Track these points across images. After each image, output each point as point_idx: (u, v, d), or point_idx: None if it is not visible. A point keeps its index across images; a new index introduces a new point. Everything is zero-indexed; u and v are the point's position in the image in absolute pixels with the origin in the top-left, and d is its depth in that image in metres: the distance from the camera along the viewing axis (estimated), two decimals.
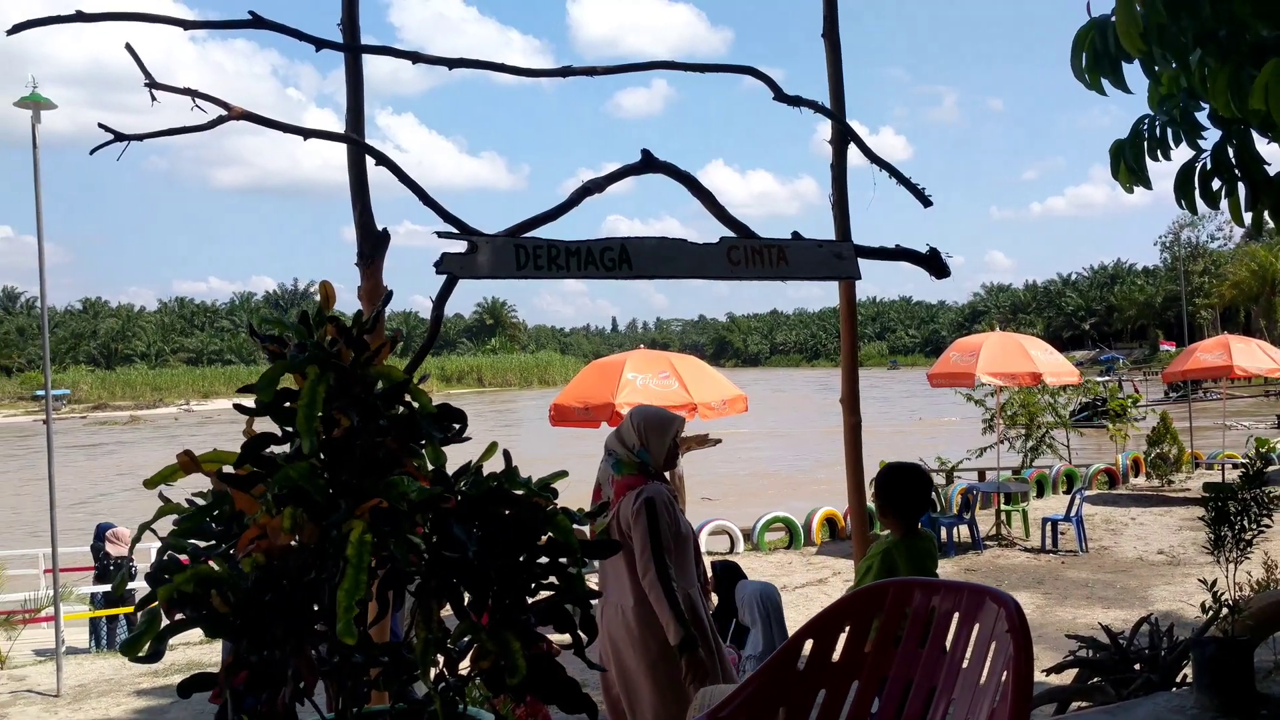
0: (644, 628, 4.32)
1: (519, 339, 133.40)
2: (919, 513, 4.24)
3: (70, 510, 20.64)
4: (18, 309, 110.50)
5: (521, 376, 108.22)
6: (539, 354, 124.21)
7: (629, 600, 4.37)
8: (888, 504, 4.23)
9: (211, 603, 1.86)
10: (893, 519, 4.22)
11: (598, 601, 4.59)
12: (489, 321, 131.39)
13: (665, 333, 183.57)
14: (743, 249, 5.57)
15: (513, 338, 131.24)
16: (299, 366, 1.79)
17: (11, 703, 8.95)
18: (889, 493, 4.24)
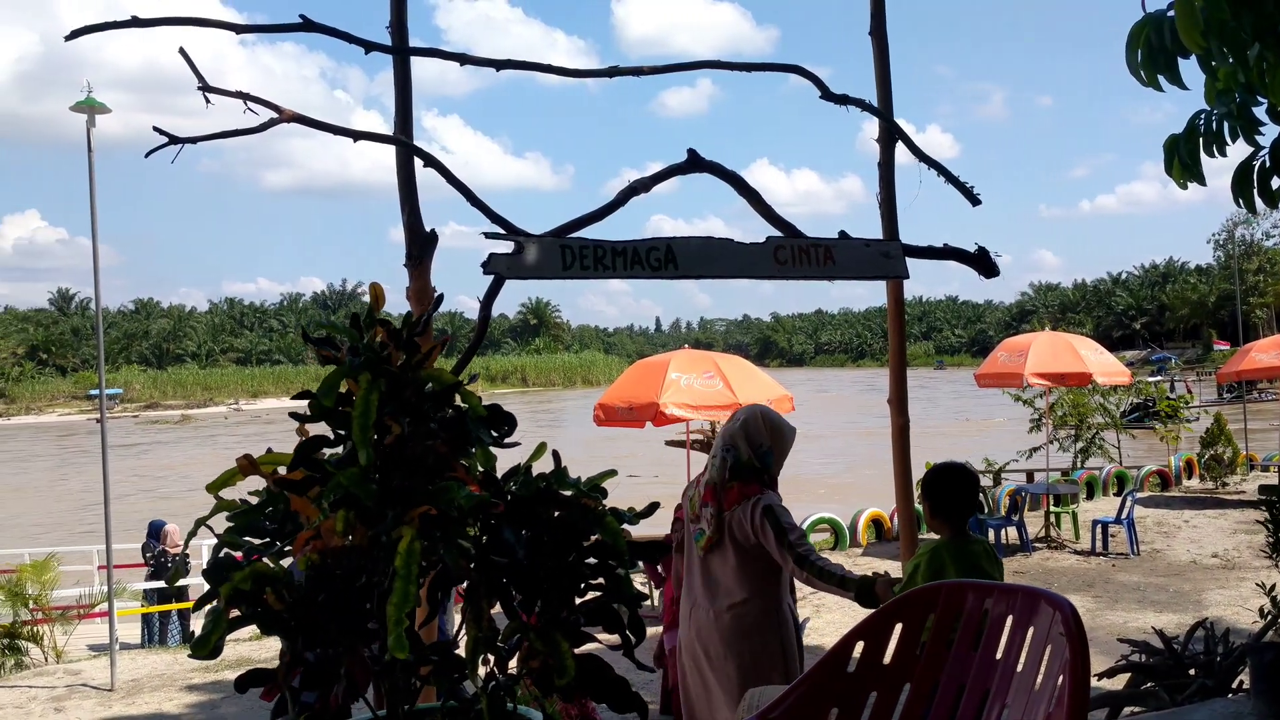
0: (738, 633, 4.23)
1: (563, 339, 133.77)
2: (967, 514, 4.16)
3: (118, 505, 20.96)
4: (72, 310, 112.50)
5: (565, 376, 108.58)
6: (583, 354, 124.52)
7: (726, 605, 4.24)
8: (935, 505, 4.15)
9: (267, 600, 1.88)
10: (940, 521, 4.15)
11: (681, 606, 4.54)
12: (533, 321, 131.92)
13: (709, 332, 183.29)
14: (789, 248, 5.54)
15: (556, 338, 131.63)
16: (354, 373, 1.79)
17: (67, 696, 9.12)
18: (936, 494, 4.16)
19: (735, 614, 4.25)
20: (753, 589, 4.27)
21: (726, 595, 4.28)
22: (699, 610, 4.35)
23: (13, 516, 26.72)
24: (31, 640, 10.91)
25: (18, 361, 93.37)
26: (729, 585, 4.29)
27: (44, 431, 64.88)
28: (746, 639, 4.25)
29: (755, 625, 4.28)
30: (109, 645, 9.59)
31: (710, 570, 4.35)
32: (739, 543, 4.23)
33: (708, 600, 4.32)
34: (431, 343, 1.88)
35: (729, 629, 4.25)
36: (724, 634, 4.25)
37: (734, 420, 4.51)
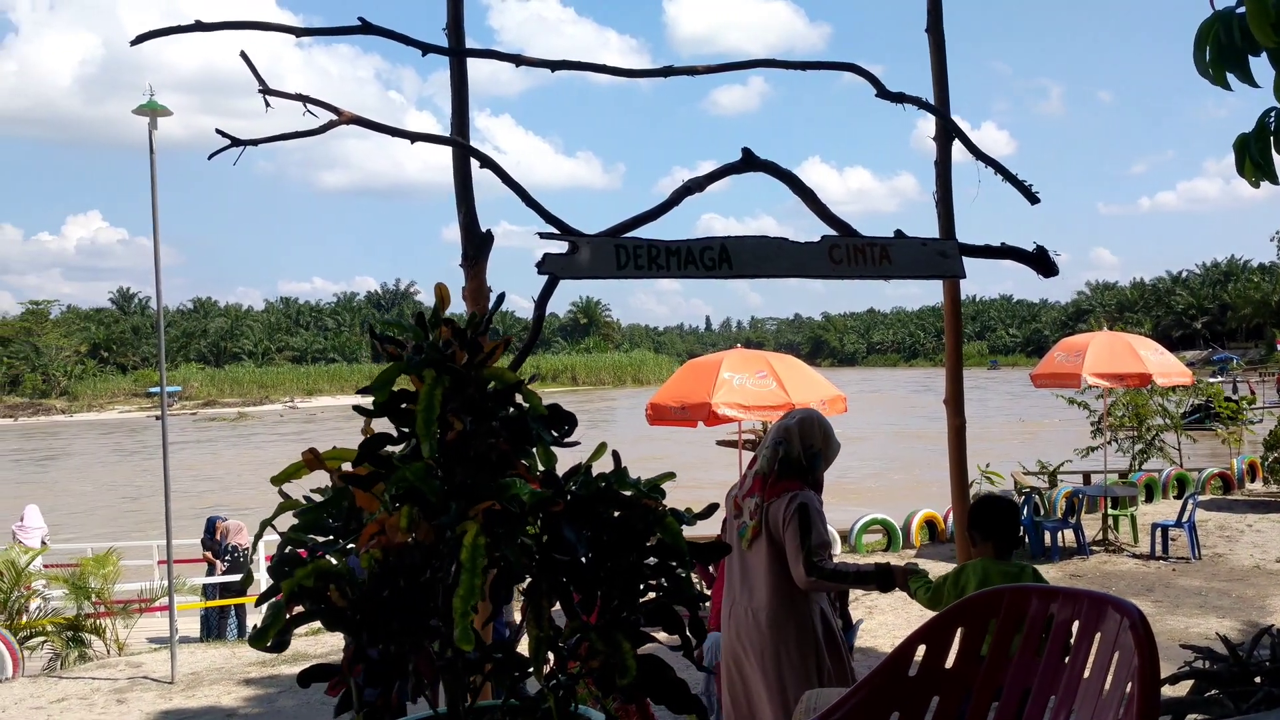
0: (775, 630, 4.25)
1: (613, 338, 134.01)
2: (1012, 543, 4.35)
3: (176, 502, 21.32)
4: (132, 309, 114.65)
5: (615, 375, 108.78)
6: (633, 353, 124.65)
7: (762, 602, 4.28)
8: (979, 532, 4.35)
9: (330, 597, 1.90)
10: (984, 545, 4.34)
11: (723, 604, 4.54)
12: (583, 321, 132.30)
13: (760, 332, 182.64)
14: (845, 247, 5.51)
15: (607, 337, 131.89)
16: (416, 369, 1.82)
17: (129, 688, 9.30)
18: (980, 522, 4.36)
19: (772, 610, 4.28)
20: (790, 586, 4.29)
21: (763, 591, 4.31)
22: (738, 607, 4.38)
23: (75, 511, 27.29)
24: (94, 633, 11.14)
25: (80, 359, 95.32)
26: (766, 581, 4.31)
27: (105, 428, 66.23)
28: (784, 636, 4.27)
29: (792, 622, 4.30)
30: (169, 639, 9.76)
31: (750, 566, 4.38)
32: (774, 537, 4.28)
33: (746, 597, 4.36)
34: (494, 343, 1.89)
35: (766, 625, 4.28)
36: (761, 631, 4.28)
37: (790, 417, 4.58)
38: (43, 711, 8.62)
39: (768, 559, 4.29)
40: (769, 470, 4.37)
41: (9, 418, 75.96)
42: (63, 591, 11.65)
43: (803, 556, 4.14)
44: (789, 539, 4.19)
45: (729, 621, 4.41)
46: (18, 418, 76.48)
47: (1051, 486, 16.10)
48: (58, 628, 11.02)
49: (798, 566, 4.15)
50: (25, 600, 11.21)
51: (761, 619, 4.26)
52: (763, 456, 4.42)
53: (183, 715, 8.33)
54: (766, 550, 4.29)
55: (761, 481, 4.38)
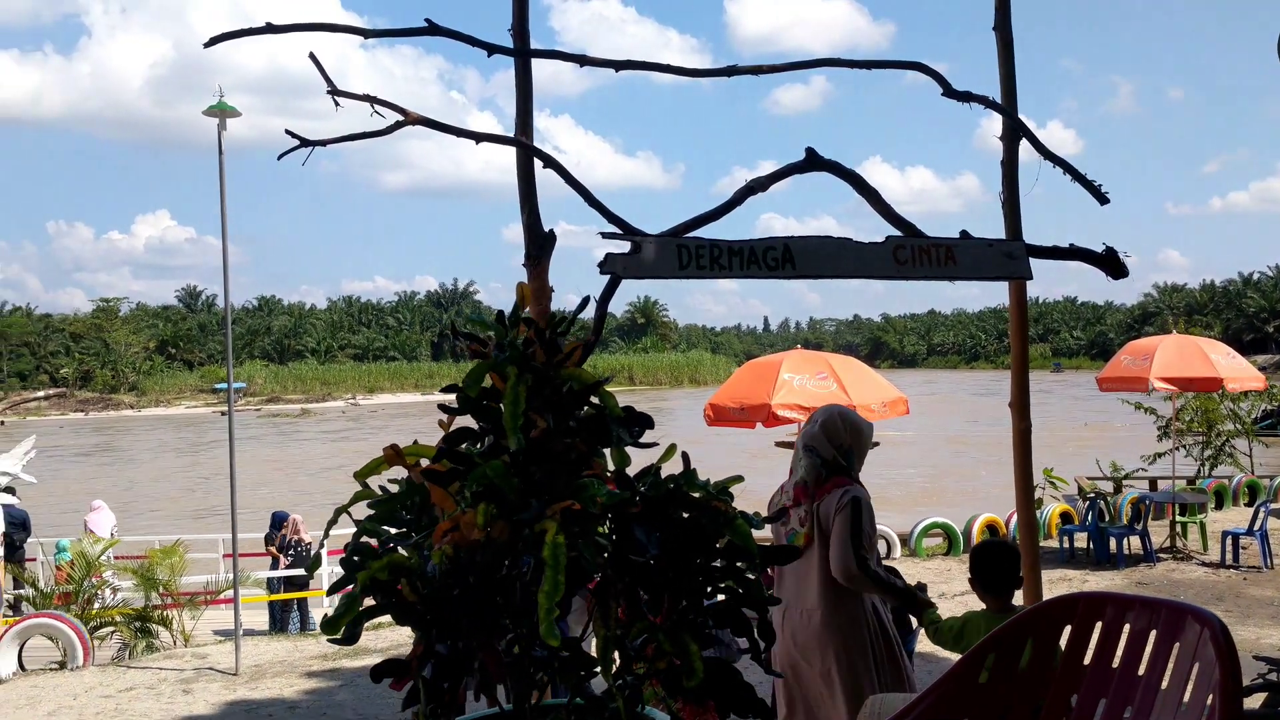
0: (830, 631, 4.24)
1: (670, 338, 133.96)
2: (1012, 587, 4.36)
3: (241, 496, 21.69)
4: (199, 306, 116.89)
5: (672, 375, 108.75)
6: (690, 353, 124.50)
7: (814, 603, 4.27)
8: (979, 584, 4.37)
9: (401, 591, 1.92)
10: (988, 596, 4.36)
11: (779, 608, 4.52)
12: (640, 320, 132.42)
13: (818, 333, 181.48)
14: (909, 248, 5.45)
15: (664, 337, 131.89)
16: (500, 367, 1.83)
17: (195, 679, 9.47)
18: (978, 572, 4.37)
19: (825, 611, 4.27)
20: (842, 589, 4.28)
21: (815, 593, 4.30)
22: (793, 612, 4.36)
23: (143, 504, 27.88)
24: (162, 624, 11.36)
25: (148, 356, 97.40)
26: (819, 582, 4.30)
27: (172, 423, 67.60)
28: (841, 639, 4.26)
29: (846, 623, 4.29)
30: (234, 631, 9.93)
31: (802, 570, 4.37)
32: (825, 535, 4.27)
33: (800, 601, 4.34)
34: (573, 343, 1.90)
35: (821, 626, 4.26)
36: (817, 633, 4.27)
37: (812, 423, 4.60)
38: (112, 700, 8.81)
39: (820, 560, 4.28)
40: (811, 479, 4.38)
41: (80, 412, 77.81)
42: (131, 583, 11.90)
43: (851, 548, 4.15)
44: (837, 529, 4.19)
45: (783, 628, 4.39)
46: (88, 412, 78.33)
47: (1117, 492, 15.80)
48: (126, 618, 11.26)
49: (846, 557, 4.15)
50: (95, 590, 11.46)
51: (816, 620, 4.26)
52: (801, 466, 4.42)
53: (246, 706, 8.47)
54: (818, 552, 4.28)
55: (804, 490, 4.37)
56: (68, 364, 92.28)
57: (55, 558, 13.03)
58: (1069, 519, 14.98)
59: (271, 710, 8.32)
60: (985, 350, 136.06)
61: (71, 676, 9.79)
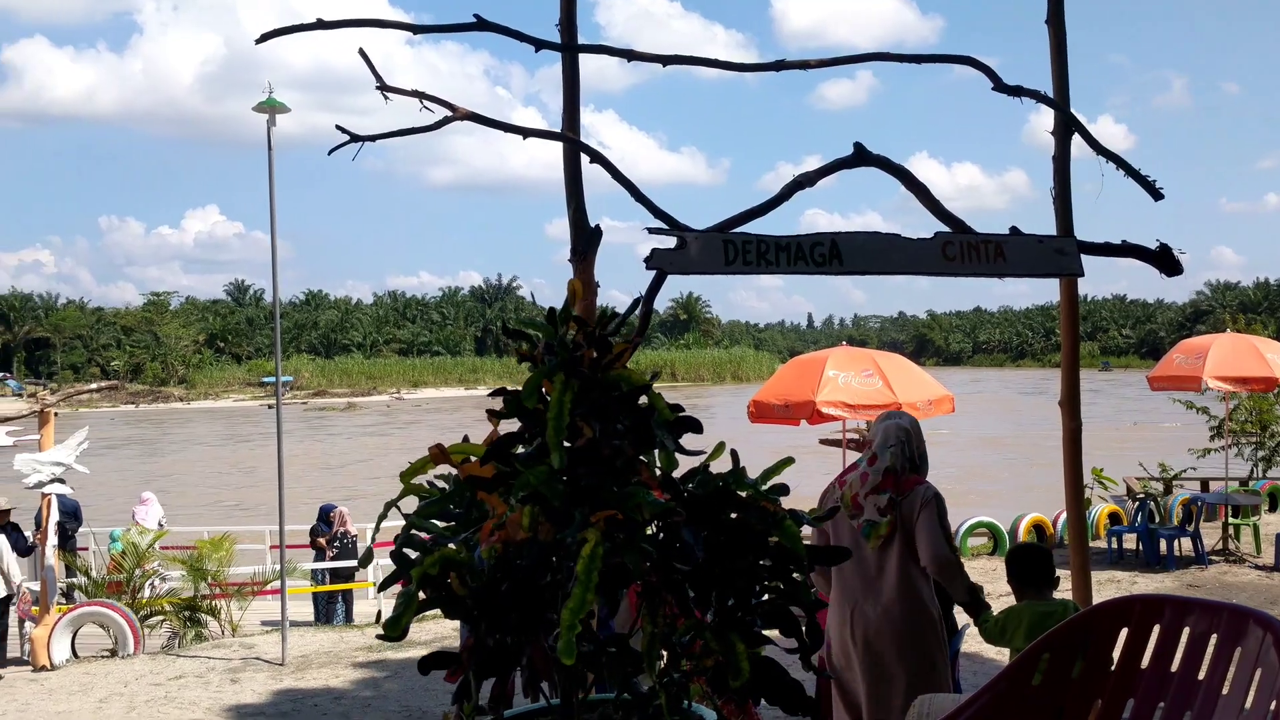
0: (907, 629, 4.21)
1: (713, 334, 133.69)
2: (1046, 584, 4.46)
3: (289, 488, 21.92)
4: (247, 300, 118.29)
5: (715, 372, 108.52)
6: (733, 350, 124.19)
7: (893, 600, 4.24)
8: (1014, 583, 4.51)
9: (451, 585, 1.92)
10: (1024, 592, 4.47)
11: (836, 605, 4.49)
12: (683, 317, 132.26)
13: (863, 329, 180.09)
14: (958, 244, 5.40)
15: (707, 333, 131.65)
16: (549, 374, 1.82)
17: (242, 668, 9.59)
18: (1013, 570, 4.52)
19: (904, 609, 4.24)
20: (920, 585, 4.30)
21: (894, 590, 4.26)
22: (865, 606, 4.30)
23: (191, 495, 28.28)
24: (210, 614, 11.52)
25: (198, 349, 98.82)
26: (899, 579, 4.26)
27: (220, 415, 68.50)
28: (919, 635, 4.25)
29: (922, 622, 4.29)
30: (281, 622, 10.04)
31: (880, 564, 4.32)
32: (908, 531, 4.27)
33: (876, 595, 4.29)
34: (622, 343, 1.89)
35: (902, 625, 4.23)
36: (897, 630, 4.23)
37: (900, 417, 4.60)
38: (162, 688, 8.94)
39: (900, 557, 4.26)
40: (900, 466, 4.37)
41: (131, 404, 79.09)
42: (180, 573, 12.06)
43: (950, 546, 4.24)
44: (925, 523, 4.22)
45: (848, 623, 4.33)
46: (139, 404, 79.61)
47: (1167, 493, 15.55)
48: (176, 607, 11.42)
49: (940, 544, 4.20)
50: (145, 580, 11.63)
51: (895, 616, 4.23)
52: (889, 454, 4.39)
53: (293, 697, 8.56)
54: (899, 548, 4.27)
55: (895, 478, 4.35)
56: (119, 357, 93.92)
57: (109, 548, 13.24)
58: (1117, 520, 14.76)
59: (317, 700, 8.40)
60: (1032, 348, 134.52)
61: (123, 664, 9.95)
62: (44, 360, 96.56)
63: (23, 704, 8.69)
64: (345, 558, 13.43)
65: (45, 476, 10.36)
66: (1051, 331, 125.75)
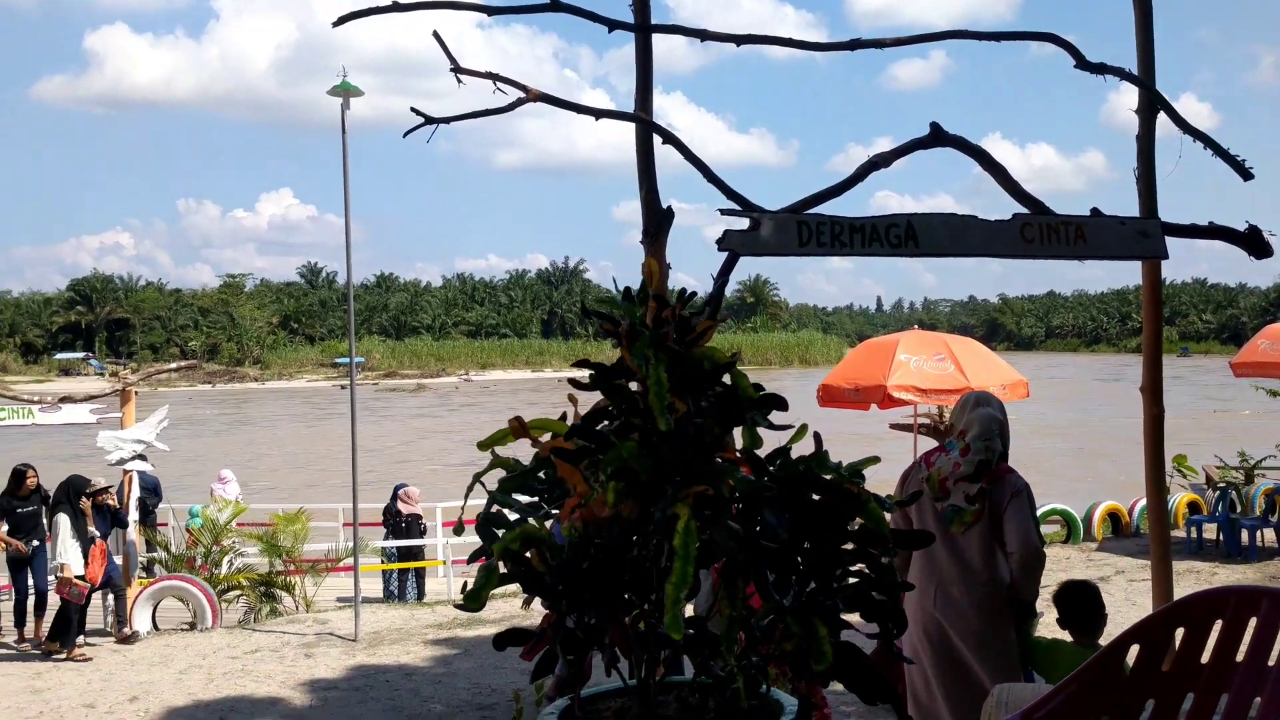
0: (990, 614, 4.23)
1: (780, 317, 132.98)
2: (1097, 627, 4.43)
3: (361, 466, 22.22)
4: (319, 283, 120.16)
5: (782, 355, 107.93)
6: (800, 333, 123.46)
7: (978, 585, 4.25)
8: (1061, 619, 4.47)
9: (531, 561, 1.93)
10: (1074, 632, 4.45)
11: (930, 586, 4.46)
12: (750, 300, 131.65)
13: (933, 313, 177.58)
14: (1037, 226, 5.28)
15: (774, 316, 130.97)
16: (641, 349, 1.81)
17: (316, 643, 9.78)
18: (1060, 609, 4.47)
19: (989, 596, 4.25)
20: (999, 572, 4.30)
21: (981, 576, 4.27)
22: (949, 590, 4.28)
23: (266, 473, 28.84)
24: (285, 589, 11.75)
25: (272, 330, 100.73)
26: (985, 566, 4.27)
27: (293, 395, 69.76)
28: (999, 621, 4.25)
29: (1003, 609, 4.29)
30: (353, 598, 10.21)
31: (962, 550, 4.31)
32: (996, 518, 4.27)
33: (962, 578, 4.28)
34: (705, 323, 1.87)
35: (984, 609, 4.23)
36: (978, 615, 4.23)
37: (991, 405, 4.57)
38: (238, 661, 9.15)
39: (986, 543, 4.27)
40: (993, 457, 4.37)
41: (207, 383, 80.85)
42: (256, 549, 12.32)
43: (1036, 529, 4.23)
44: (1017, 513, 4.24)
45: (930, 606, 4.32)
46: (215, 384, 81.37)
47: (1249, 482, 15.14)
48: (252, 583, 11.67)
49: (1033, 535, 4.22)
50: (222, 555, 11.89)
51: (979, 600, 4.23)
52: (985, 447, 4.38)
53: (365, 672, 8.70)
54: (982, 534, 4.27)
55: (987, 467, 4.36)
56: (196, 337, 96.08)
57: (188, 523, 13.56)
58: (1197, 509, 14.42)
59: (389, 676, 8.53)
60: (1107, 333, 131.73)
61: (201, 637, 10.20)
62: (124, 340, 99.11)
63: (106, 674, 8.96)
64: (407, 536, 13.60)
65: (127, 453, 10.64)
66: (1128, 316, 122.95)
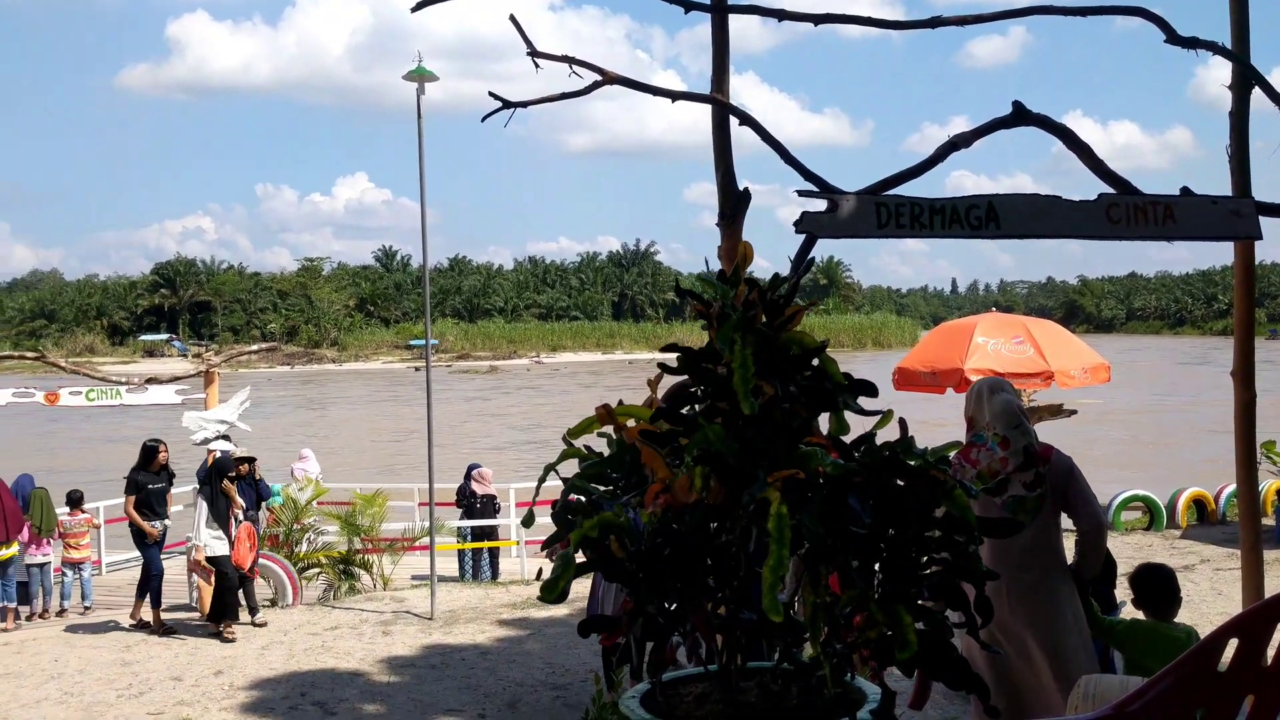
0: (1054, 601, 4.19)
1: (853, 299, 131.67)
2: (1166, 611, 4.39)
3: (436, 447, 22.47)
4: (394, 266, 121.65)
5: (855, 338, 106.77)
6: (873, 315, 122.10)
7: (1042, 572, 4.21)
8: (1137, 602, 4.44)
9: (610, 548, 1.93)
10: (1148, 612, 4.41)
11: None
12: (823, 281, 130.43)
13: (1009, 295, 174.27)
14: (1124, 206, 5.16)
15: (847, 298, 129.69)
16: (728, 333, 1.79)
17: (393, 621, 9.94)
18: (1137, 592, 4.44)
19: (1059, 580, 4.21)
20: (1064, 554, 4.30)
21: (1041, 562, 4.22)
22: (1018, 576, 4.20)
23: (344, 453, 29.35)
24: (363, 568, 11.96)
25: (349, 313, 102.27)
26: (1046, 551, 4.22)
27: (370, 377, 70.83)
28: (1072, 604, 4.22)
29: (1067, 595, 4.25)
30: (429, 577, 10.36)
31: (1027, 538, 4.21)
32: (1059, 501, 4.26)
33: (1026, 564, 4.21)
34: (795, 306, 1.85)
35: (1052, 591, 4.19)
36: (1053, 601, 4.19)
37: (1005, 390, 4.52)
38: (319, 638, 9.34)
39: (1046, 529, 4.22)
40: (1034, 439, 4.32)
41: (286, 365, 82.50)
42: (336, 528, 12.54)
43: (1096, 505, 4.26)
44: (1079, 490, 4.26)
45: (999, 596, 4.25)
46: (294, 365, 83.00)
47: None
48: (331, 561, 11.89)
49: (1099, 511, 4.28)
50: (302, 534, 12.13)
51: (1042, 588, 4.19)
52: (1019, 433, 4.30)
53: (441, 650, 8.83)
54: (1048, 519, 4.23)
55: (1032, 452, 4.28)
56: (275, 320, 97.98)
57: (269, 502, 13.85)
58: None
59: (465, 655, 8.64)
60: (1192, 315, 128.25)
61: (282, 614, 10.43)
62: (205, 323, 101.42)
63: (192, 649, 9.20)
64: (481, 517, 13.74)
65: (211, 433, 10.87)
66: (1214, 298, 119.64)
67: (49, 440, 33.28)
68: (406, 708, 7.26)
